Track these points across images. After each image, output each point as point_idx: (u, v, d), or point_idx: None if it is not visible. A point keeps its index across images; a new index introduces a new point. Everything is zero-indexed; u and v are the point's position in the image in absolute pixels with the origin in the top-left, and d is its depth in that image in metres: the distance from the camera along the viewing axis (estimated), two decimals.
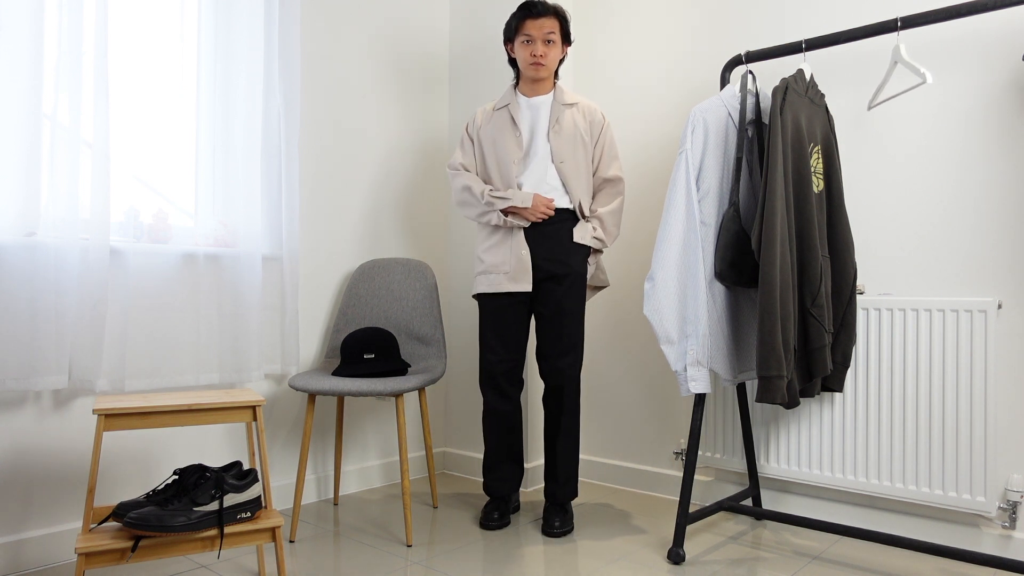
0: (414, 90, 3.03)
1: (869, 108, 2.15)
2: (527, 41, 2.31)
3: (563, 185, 2.31)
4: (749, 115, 2.19)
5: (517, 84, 2.43)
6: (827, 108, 2.21)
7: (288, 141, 2.48)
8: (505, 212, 2.30)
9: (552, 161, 2.31)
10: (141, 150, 2.26)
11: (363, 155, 2.83)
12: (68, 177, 1.97)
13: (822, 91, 2.30)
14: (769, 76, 2.51)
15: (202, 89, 2.33)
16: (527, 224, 2.30)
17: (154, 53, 2.29)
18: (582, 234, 2.31)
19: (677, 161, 2.09)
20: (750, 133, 2.20)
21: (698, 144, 2.09)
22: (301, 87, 2.62)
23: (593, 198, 2.39)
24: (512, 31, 2.35)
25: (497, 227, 2.34)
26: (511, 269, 2.29)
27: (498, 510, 2.37)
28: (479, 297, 2.41)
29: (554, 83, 2.40)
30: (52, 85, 1.97)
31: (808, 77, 2.13)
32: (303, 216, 2.63)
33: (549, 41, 2.30)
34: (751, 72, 2.22)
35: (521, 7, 2.32)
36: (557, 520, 2.29)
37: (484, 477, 2.45)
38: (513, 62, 2.44)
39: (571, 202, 2.32)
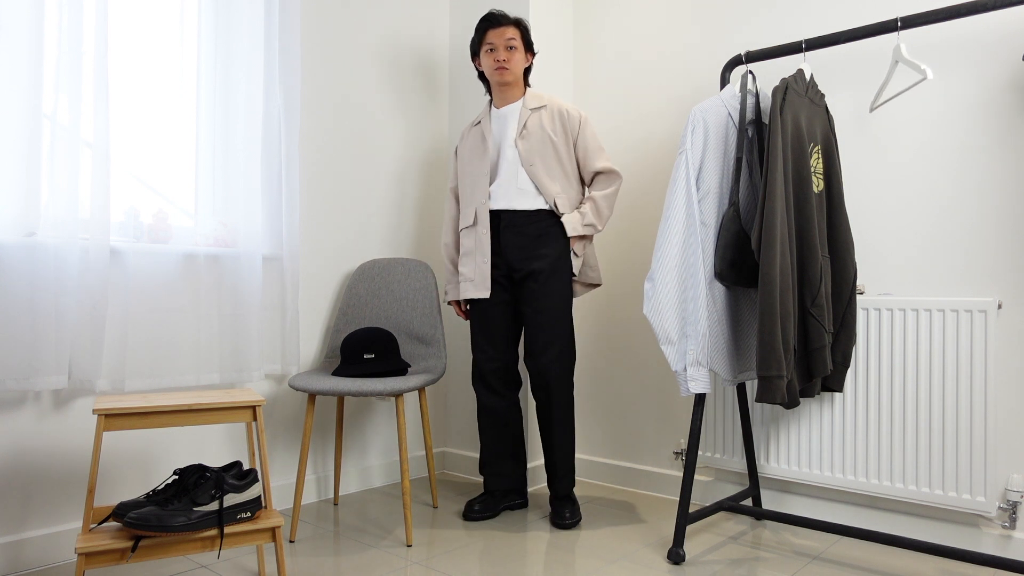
0: (414, 92, 3.03)
1: (871, 110, 2.15)
2: (490, 49, 2.41)
3: (535, 187, 2.38)
4: (749, 115, 2.19)
5: (492, 99, 2.52)
6: (827, 108, 2.21)
7: (288, 141, 2.48)
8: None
9: (522, 165, 2.38)
10: (141, 150, 2.26)
11: (363, 155, 2.83)
12: (68, 177, 1.97)
13: (822, 91, 2.30)
14: (769, 76, 2.51)
15: (202, 89, 2.33)
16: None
17: (154, 53, 2.29)
18: (573, 226, 2.37)
19: (677, 161, 2.09)
20: (750, 133, 2.20)
21: (698, 144, 2.09)
22: (301, 88, 2.62)
23: (590, 186, 2.46)
24: (476, 45, 2.46)
25: (466, 236, 2.46)
26: (475, 277, 2.41)
27: (481, 502, 2.43)
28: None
29: (524, 90, 2.48)
30: (52, 85, 1.97)
31: (808, 77, 2.13)
32: (303, 216, 2.63)
33: (511, 47, 2.39)
34: (751, 72, 2.22)
35: (482, 20, 2.43)
36: (567, 511, 2.36)
37: (481, 473, 2.51)
38: (483, 77, 2.52)
39: (545, 203, 2.38)
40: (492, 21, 2.40)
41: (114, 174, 2.19)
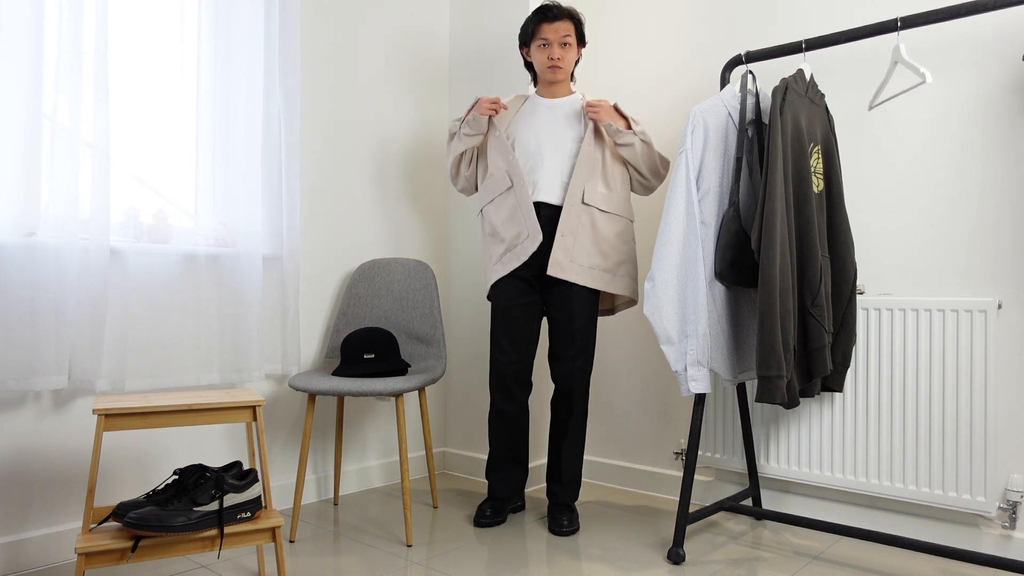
0: (414, 91, 3.03)
1: (870, 108, 2.15)
2: (544, 45, 2.32)
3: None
4: (749, 115, 2.19)
5: (536, 87, 2.46)
6: (827, 108, 2.21)
7: (288, 141, 2.48)
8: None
9: (570, 157, 2.29)
10: (141, 150, 2.26)
11: (363, 155, 2.83)
12: (68, 177, 1.97)
13: (822, 91, 2.30)
14: (769, 76, 2.51)
15: (202, 89, 2.33)
16: (487, 118, 2.32)
17: (154, 53, 2.29)
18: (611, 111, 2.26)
19: (677, 161, 2.09)
20: (750, 133, 2.20)
21: (698, 144, 2.09)
22: (301, 87, 2.62)
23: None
24: (528, 35, 2.36)
25: (504, 200, 2.32)
26: (530, 231, 2.26)
27: (492, 508, 2.39)
28: (494, 292, 2.38)
29: (571, 86, 2.43)
30: (52, 85, 1.97)
31: (808, 77, 2.13)
32: (303, 216, 2.63)
33: (565, 44, 2.31)
34: (751, 72, 2.22)
35: (537, 11, 2.33)
36: (565, 519, 2.30)
37: (487, 478, 2.45)
38: (529, 66, 2.46)
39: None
40: (547, 15, 2.29)
41: (114, 174, 2.19)
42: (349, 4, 2.78)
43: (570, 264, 2.25)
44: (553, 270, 2.24)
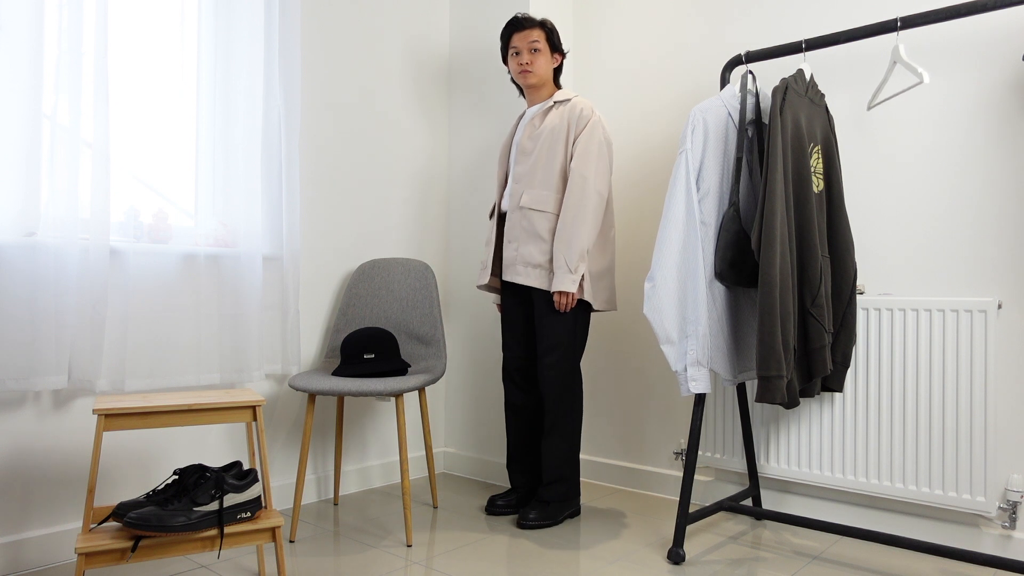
0: (414, 91, 3.03)
1: (868, 108, 2.15)
2: (515, 53, 2.43)
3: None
4: (749, 115, 2.19)
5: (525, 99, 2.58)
6: (827, 108, 2.21)
7: (288, 141, 2.48)
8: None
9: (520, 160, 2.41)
10: (141, 150, 2.26)
11: (363, 155, 2.83)
12: (68, 177, 1.96)
13: (822, 91, 2.30)
14: (769, 76, 2.51)
15: (202, 89, 2.33)
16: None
17: (154, 53, 2.29)
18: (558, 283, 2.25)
19: (677, 161, 2.09)
20: (750, 133, 2.20)
21: (698, 144, 2.09)
22: (301, 87, 2.62)
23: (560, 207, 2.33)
24: (503, 49, 2.48)
25: (489, 225, 2.55)
26: (488, 265, 2.49)
27: (503, 497, 2.45)
28: (501, 291, 2.57)
29: (554, 91, 2.49)
30: (52, 85, 1.97)
31: (808, 77, 2.13)
32: (303, 216, 2.63)
33: (535, 50, 2.40)
34: (751, 72, 2.22)
35: (507, 24, 2.45)
36: (532, 513, 2.32)
37: (507, 470, 2.55)
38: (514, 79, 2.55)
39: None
40: (516, 25, 2.42)
41: (114, 174, 2.19)
42: (349, 5, 2.78)
43: (517, 268, 2.34)
44: (506, 274, 2.37)
